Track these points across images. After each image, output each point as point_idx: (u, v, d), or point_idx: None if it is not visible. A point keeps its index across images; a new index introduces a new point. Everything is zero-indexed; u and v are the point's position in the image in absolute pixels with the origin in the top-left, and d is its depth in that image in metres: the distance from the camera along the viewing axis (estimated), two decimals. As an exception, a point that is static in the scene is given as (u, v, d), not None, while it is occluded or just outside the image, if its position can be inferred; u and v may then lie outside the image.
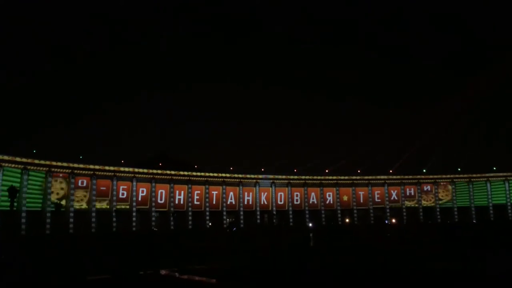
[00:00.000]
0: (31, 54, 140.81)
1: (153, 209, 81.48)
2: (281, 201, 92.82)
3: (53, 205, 66.86)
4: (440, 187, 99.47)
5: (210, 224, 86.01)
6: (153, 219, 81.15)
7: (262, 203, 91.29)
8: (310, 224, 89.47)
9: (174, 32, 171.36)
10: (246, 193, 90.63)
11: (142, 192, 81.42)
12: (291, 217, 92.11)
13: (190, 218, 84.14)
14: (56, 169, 72.97)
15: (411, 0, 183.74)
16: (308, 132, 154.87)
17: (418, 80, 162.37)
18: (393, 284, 24.69)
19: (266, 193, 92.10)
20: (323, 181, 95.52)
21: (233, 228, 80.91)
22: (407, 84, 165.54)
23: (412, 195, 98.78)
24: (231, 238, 61.44)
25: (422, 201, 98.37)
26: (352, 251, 39.14)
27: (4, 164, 65.94)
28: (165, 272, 31.67)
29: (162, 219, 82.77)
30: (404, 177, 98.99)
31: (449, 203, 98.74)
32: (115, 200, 77.94)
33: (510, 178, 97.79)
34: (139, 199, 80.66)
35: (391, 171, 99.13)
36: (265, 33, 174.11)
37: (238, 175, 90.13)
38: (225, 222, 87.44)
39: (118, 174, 78.97)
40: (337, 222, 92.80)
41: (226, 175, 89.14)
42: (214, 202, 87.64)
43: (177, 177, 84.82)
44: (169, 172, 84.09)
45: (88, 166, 75.91)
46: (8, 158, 66.68)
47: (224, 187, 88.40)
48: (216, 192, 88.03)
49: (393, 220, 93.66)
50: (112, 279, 28.22)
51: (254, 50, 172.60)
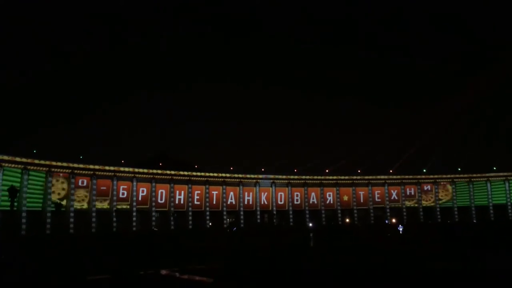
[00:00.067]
0: (31, 54, 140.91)
1: (153, 209, 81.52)
2: (281, 201, 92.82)
3: (53, 205, 66.84)
4: (440, 187, 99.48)
5: (210, 224, 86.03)
6: (153, 219, 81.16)
7: (262, 203, 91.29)
8: (310, 224, 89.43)
9: (174, 32, 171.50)
10: (246, 193, 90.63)
11: (143, 192, 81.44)
12: (291, 217, 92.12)
13: (190, 218, 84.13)
14: (56, 169, 72.98)
15: (411, 0, 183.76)
16: (308, 132, 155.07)
17: (418, 80, 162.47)
18: (393, 284, 24.70)
19: (266, 193, 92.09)
20: (323, 181, 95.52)
21: (233, 228, 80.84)
22: (407, 84, 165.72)
23: (412, 195, 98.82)
24: (231, 238, 61.43)
25: (422, 201, 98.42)
26: (352, 251, 39.15)
27: (4, 164, 65.94)
28: (166, 272, 31.65)
29: (162, 219, 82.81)
30: (405, 177, 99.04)
31: (449, 203, 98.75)
32: (115, 200, 77.99)
33: (510, 178, 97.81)
34: (139, 199, 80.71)
35: (391, 171, 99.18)
36: (265, 33, 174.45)
37: (238, 175, 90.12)
38: (225, 222, 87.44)
39: (118, 174, 78.99)
40: (337, 222, 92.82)
41: (226, 175, 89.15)
42: (214, 202, 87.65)
43: (177, 177, 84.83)
44: (169, 172, 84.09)
45: (88, 166, 75.93)
46: (8, 158, 66.65)
47: (224, 187, 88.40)
48: (216, 192, 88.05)
49: (393, 220, 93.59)
50: (112, 279, 28.20)
51: (254, 50, 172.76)
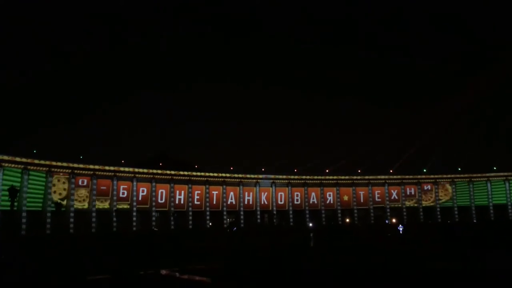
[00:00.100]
0: (31, 54, 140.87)
1: (154, 209, 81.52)
2: (282, 201, 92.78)
3: (54, 205, 66.81)
4: (439, 187, 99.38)
5: (211, 224, 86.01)
6: (154, 219, 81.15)
7: (263, 203, 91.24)
8: (311, 224, 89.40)
9: (174, 32, 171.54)
10: (247, 193, 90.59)
11: (143, 192, 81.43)
12: (292, 217, 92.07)
13: (191, 218, 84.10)
14: (57, 169, 72.95)
15: (411, 0, 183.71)
16: (308, 132, 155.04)
17: (418, 80, 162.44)
18: (393, 284, 24.69)
19: (267, 193, 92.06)
20: (324, 181, 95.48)
21: (234, 228, 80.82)
22: (407, 84, 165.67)
23: (413, 194, 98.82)
24: (232, 238, 61.40)
25: (422, 201, 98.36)
26: (353, 251, 39.13)
27: (5, 164, 65.92)
28: (166, 272, 31.64)
29: (163, 219, 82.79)
30: (405, 177, 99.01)
31: (449, 203, 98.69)
32: (115, 200, 77.98)
33: (511, 178, 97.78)
34: (139, 199, 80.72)
35: (391, 171, 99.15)
36: (265, 33, 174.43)
37: (239, 175, 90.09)
38: (226, 222, 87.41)
39: (119, 174, 78.96)
40: (337, 222, 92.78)
41: (226, 175, 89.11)
42: (215, 202, 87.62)
43: (177, 177, 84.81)
44: (169, 172, 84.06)
45: (88, 166, 75.89)
46: (8, 158, 66.61)
47: (225, 187, 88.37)
48: (217, 192, 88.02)
49: (394, 220, 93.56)
50: (113, 279, 28.19)
51: (254, 50, 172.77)
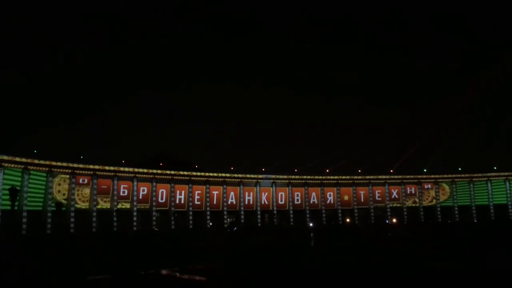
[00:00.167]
0: (31, 54, 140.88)
1: (154, 209, 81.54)
2: (282, 201, 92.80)
3: (54, 205, 66.81)
4: (438, 187, 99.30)
5: (211, 224, 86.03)
6: (154, 219, 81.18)
7: (263, 203, 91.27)
8: (311, 224, 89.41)
9: (174, 32, 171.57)
10: (247, 193, 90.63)
11: (143, 191, 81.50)
12: (292, 217, 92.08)
13: (191, 218, 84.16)
14: (57, 169, 72.95)
15: (411, 0, 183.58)
16: (308, 132, 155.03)
17: (418, 80, 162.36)
18: (393, 284, 24.66)
19: (267, 193, 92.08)
20: (324, 181, 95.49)
21: (234, 228, 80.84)
22: (407, 84, 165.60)
23: (413, 193, 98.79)
24: (232, 238, 61.35)
25: (422, 202, 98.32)
26: (353, 251, 39.06)
27: (5, 164, 65.94)
28: (166, 272, 31.63)
29: (163, 219, 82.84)
30: (405, 177, 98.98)
31: (450, 202, 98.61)
32: (116, 200, 77.99)
33: (511, 178, 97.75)
34: (140, 198, 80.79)
35: (392, 171, 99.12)
36: (265, 33, 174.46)
37: (239, 175, 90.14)
38: (226, 222, 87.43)
39: (119, 174, 79.01)
40: (338, 222, 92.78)
41: (227, 175, 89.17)
42: (215, 202, 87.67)
43: (178, 177, 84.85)
44: (170, 172, 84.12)
45: (89, 166, 75.94)
46: (8, 158, 66.63)
47: (225, 187, 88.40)
48: (217, 192, 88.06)
49: (394, 220, 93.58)
50: (113, 279, 28.17)
51: (254, 50, 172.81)
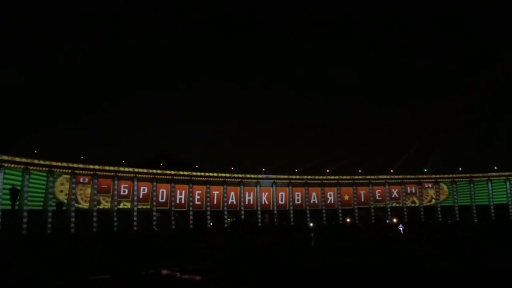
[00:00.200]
0: (31, 54, 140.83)
1: (154, 209, 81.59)
2: (282, 201, 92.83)
3: (55, 205, 66.83)
4: (436, 187, 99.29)
5: (211, 224, 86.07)
6: (154, 219, 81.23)
7: (263, 203, 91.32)
8: (311, 224, 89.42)
9: (174, 32, 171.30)
10: (247, 193, 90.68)
11: (143, 191, 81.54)
12: (292, 217, 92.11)
13: (191, 218, 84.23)
14: (57, 169, 72.99)
15: (411, 0, 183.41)
16: (308, 132, 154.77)
17: (418, 80, 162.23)
18: (393, 284, 24.67)
19: (267, 193, 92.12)
20: (324, 181, 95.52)
21: (234, 228, 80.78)
22: (407, 84, 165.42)
23: (413, 193, 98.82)
24: (231, 238, 61.36)
25: (423, 201, 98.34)
26: (353, 251, 39.09)
27: (5, 164, 65.97)
28: (167, 272, 31.66)
29: (163, 219, 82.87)
30: (406, 177, 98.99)
31: (450, 202, 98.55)
32: (116, 200, 78.03)
33: (511, 178, 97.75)
34: (140, 197, 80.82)
35: (392, 171, 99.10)
36: (265, 33, 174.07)
37: (239, 175, 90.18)
38: (226, 222, 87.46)
39: (119, 174, 79.05)
40: (338, 222, 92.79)
41: (227, 175, 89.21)
42: (215, 202, 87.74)
43: (178, 177, 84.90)
44: (170, 172, 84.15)
45: (89, 166, 75.96)
46: (8, 158, 66.64)
47: (225, 187, 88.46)
48: (217, 192, 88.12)
49: (394, 220, 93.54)
50: (113, 279, 28.18)
51: (254, 50, 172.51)
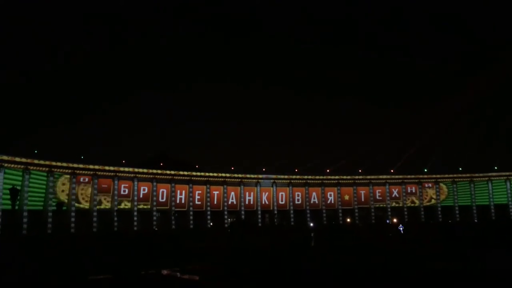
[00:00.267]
0: (31, 54, 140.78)
1: (155, 209, 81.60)
2: (282, 201, 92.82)
3: (55, 205, 66.85)
4: (435, 187, 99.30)
5: (211, 224, 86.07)
6: (154, 219, 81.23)
7: (263, 203, 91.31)
8: (311, 224, 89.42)
9: (174, 32, 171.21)
10: (247, 193, 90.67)
11: (144, 191, 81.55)
12: (292, 217, 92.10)
13: (191, 218, 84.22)
14: (57, 169, 72.98)
15: (411, 0, 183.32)
16: (308, 132, 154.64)
17: (418, 80, 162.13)
18: (393, 284, 24.67)
19: (267, 193, 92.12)
20: (325, 181, 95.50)
21: (234, 228, 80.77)
22: (407, 84, 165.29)
23: (414, 193, 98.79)
24: (231, 238, 61.34)
25: (423, 201, 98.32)
26: (353, 251, 39.08)
27: (5, 164, 65.97)
28: (167, 272, 31.66)
29: (164, 219, 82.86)
30: (406, 177, 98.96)
31: (450, 202, 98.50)
32: (117, 200, 78.03)
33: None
34: (141, 197, 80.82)
35: (392, 171, 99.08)
36: (265, 33, 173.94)
37: (239, 175, 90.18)
38: (227, 222, 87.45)
39: (119, 174, 79.05)
40: (338, 222, 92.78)
41: (227, 175, 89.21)
42: (215, 202, 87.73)
43: (178, 177, 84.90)
44: (170, 172, 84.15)
45: (89, 166, 75.96)
46: (8, 158, 66.62)
47: (225, 187, 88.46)
48: (217, 192, 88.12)
49: (394, 220, 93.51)
50: (113, 279, 28.18)
51: (254, 50, 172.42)
